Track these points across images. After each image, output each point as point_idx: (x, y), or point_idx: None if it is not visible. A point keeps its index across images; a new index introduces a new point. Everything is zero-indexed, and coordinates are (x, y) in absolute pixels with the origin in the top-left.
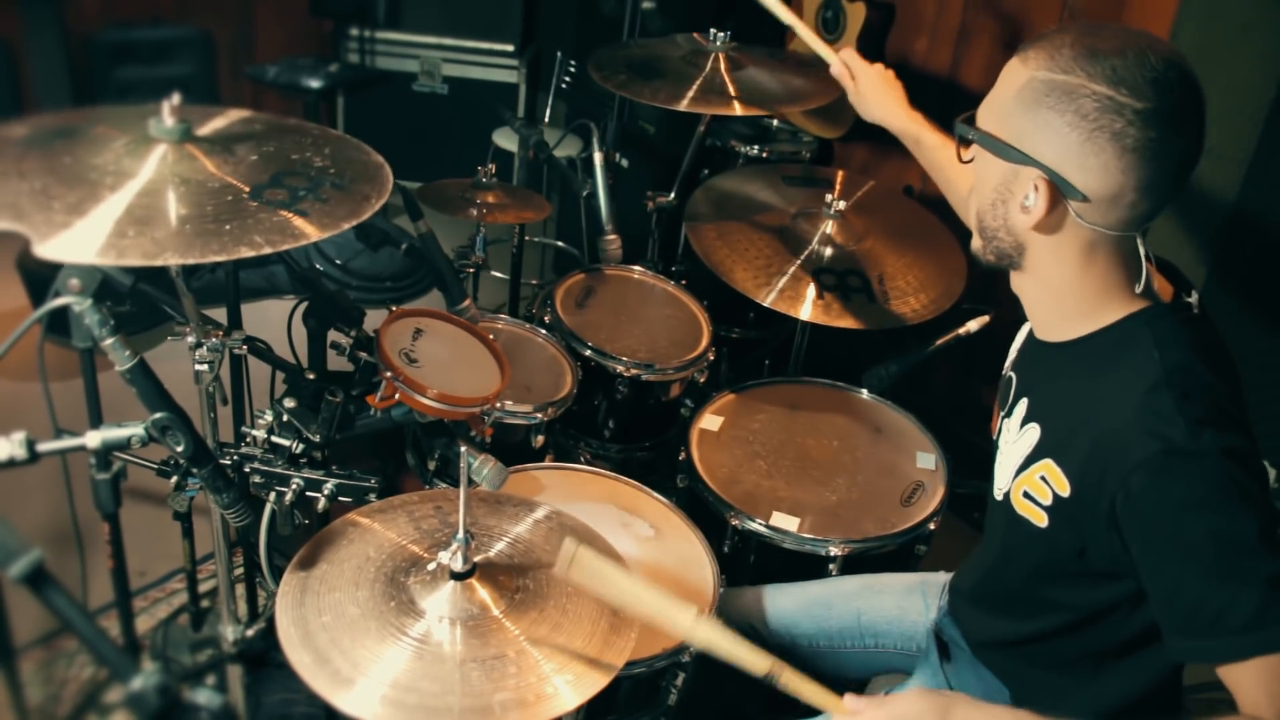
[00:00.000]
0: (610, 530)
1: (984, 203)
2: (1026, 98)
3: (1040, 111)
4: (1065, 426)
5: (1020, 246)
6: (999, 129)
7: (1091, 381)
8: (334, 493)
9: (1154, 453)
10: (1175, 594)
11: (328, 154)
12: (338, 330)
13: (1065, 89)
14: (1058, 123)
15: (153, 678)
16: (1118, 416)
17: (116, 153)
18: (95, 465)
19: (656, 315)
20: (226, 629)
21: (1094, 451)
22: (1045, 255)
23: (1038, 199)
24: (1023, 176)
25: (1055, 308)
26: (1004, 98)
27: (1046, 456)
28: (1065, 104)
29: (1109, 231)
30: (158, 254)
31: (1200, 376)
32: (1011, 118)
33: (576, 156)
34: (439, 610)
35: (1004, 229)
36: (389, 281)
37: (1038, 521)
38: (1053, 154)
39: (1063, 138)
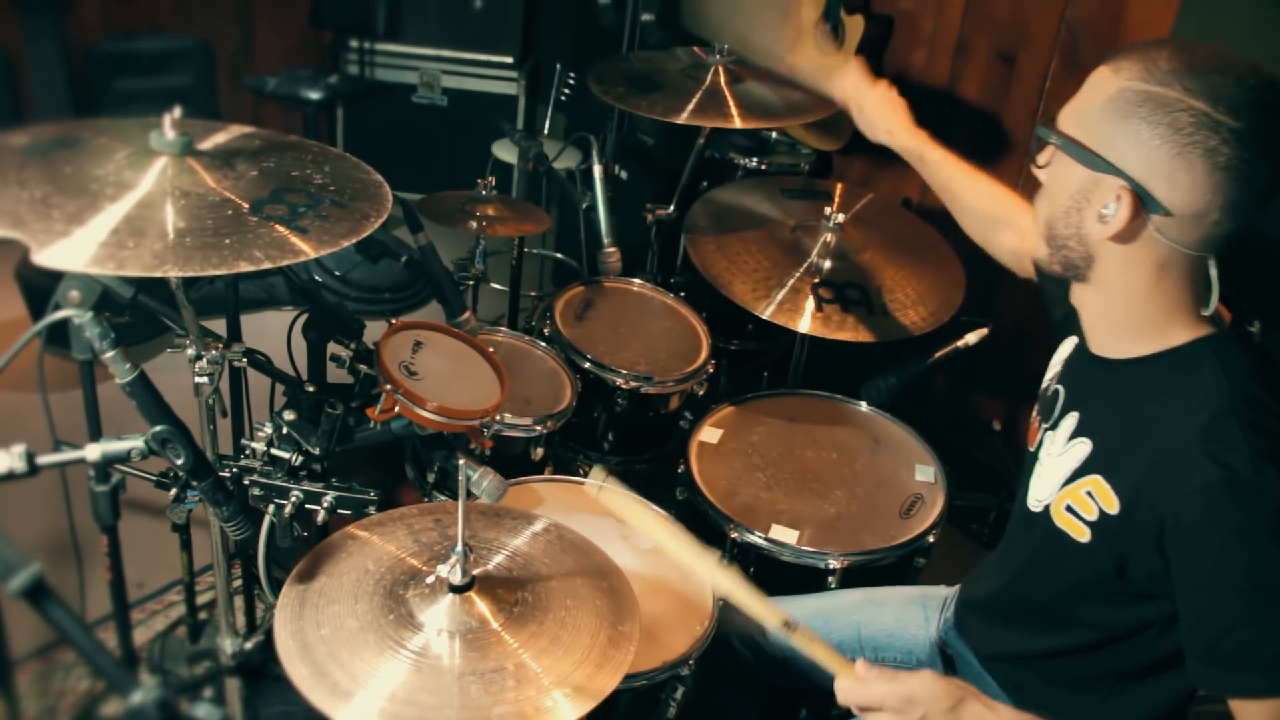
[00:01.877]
0: (609, 543)
1: (1056, 209)
2: (1117, 106)
3: (1131, 121)
4: (1119, 444)
5: (1090, 257)
6: (1084, 135)
7: (1152, 402)
8: (333, 505)
9: (1215, 480)
10: (1206, 621)
11: (328, 171)
12: (337, 342)
13: (1161, 101)
14: (1149, 134)
15: (152, 692)
16: (1179, 439)
17: (117, 164)
18: (94, 478)
19: (656, 327)
20: (225, 641)
21: (1149, 472)
22: (1116, 268)
23: (1118, 209)
24: (1104, 185)
25: (1119, 323)
26: (1091, 104)
27: (1096, 472)
28: (1159, 116)
29: (1185, 250)
30: (157, 266)
31: (1267, 408)
32: (1098, 125)
33: (576, 169)
34: (438, 623)
35: (1076, 238)
36: (388, 293)
37: (1078, 536)
38: (1140, 165)
39: (1153, 150)
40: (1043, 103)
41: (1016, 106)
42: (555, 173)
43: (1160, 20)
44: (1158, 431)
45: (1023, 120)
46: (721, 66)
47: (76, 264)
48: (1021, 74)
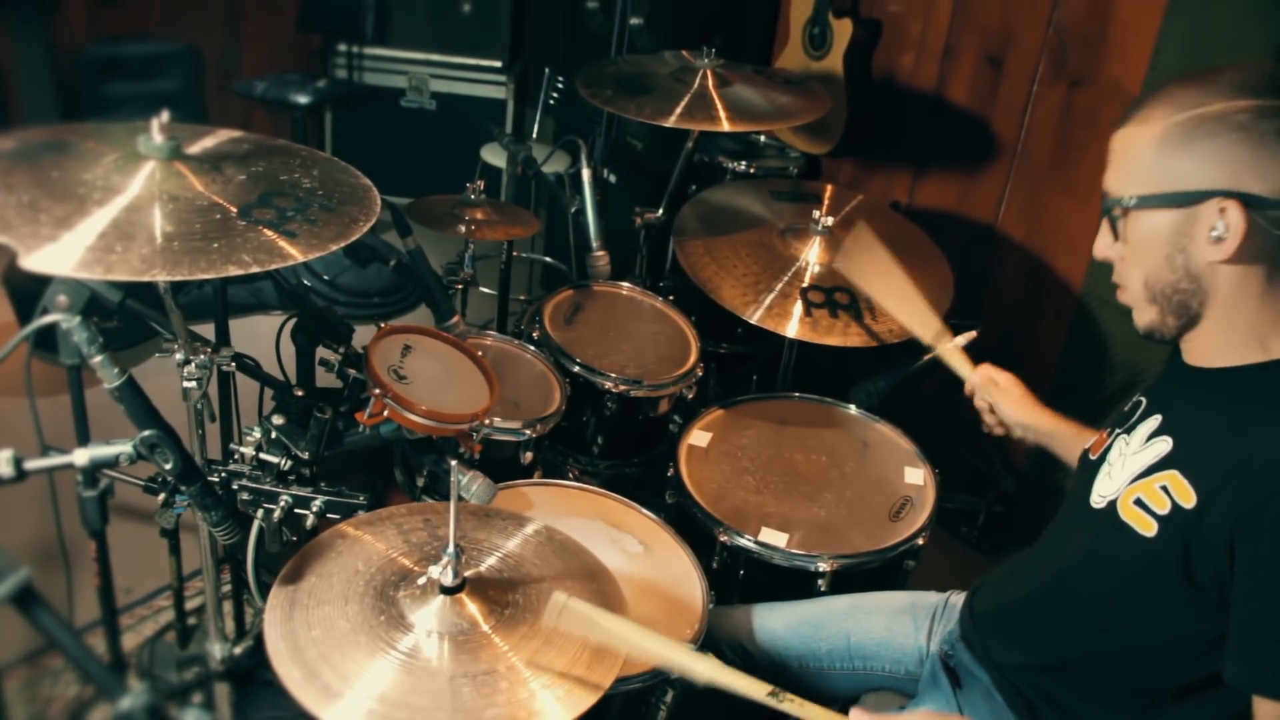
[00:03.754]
0: (599, 546)
1: (1155, 263)
2: (1172, 143)
3: (1195, 145)
4: (1204, 444)
5: (1204, 289)
6: (1152, 186)
7: (1246, 409)
8: (322, 510)
9: None
10: (1260, 622)
11: (316, 175)
12: (326, 347)
13: (1213, 116)
14: (1221, 145)
15: (141, 697)
16: (1273, 444)
17: (105, 168)
18: (82, 483)
19: (645, 331)
20: (214, 646)
21: (1236, 470)
22: (1232, 285)
23: (1230, 222)
24: (1201, 212)
25: (1226, 337)
26: (1140, 159)
27: (1174, 468)
28: (1220, 127)
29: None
30: (145, 270)
31: None
32: (1162, 169)
33: (565, 172)
34: (428, 625)
35: (1185, 277)
36: (377, 297)
37: (1144, 530)
38: (1227, 174)
39: (1232, 156)
40: (1030, 105)
41: (1004, 110)
42: (544, 176)
43: (1147, 23)
44: (1250, 436)
45: (1010, 123)
46: (710, 70)
47: (64, 268)
48: (1009, 77)
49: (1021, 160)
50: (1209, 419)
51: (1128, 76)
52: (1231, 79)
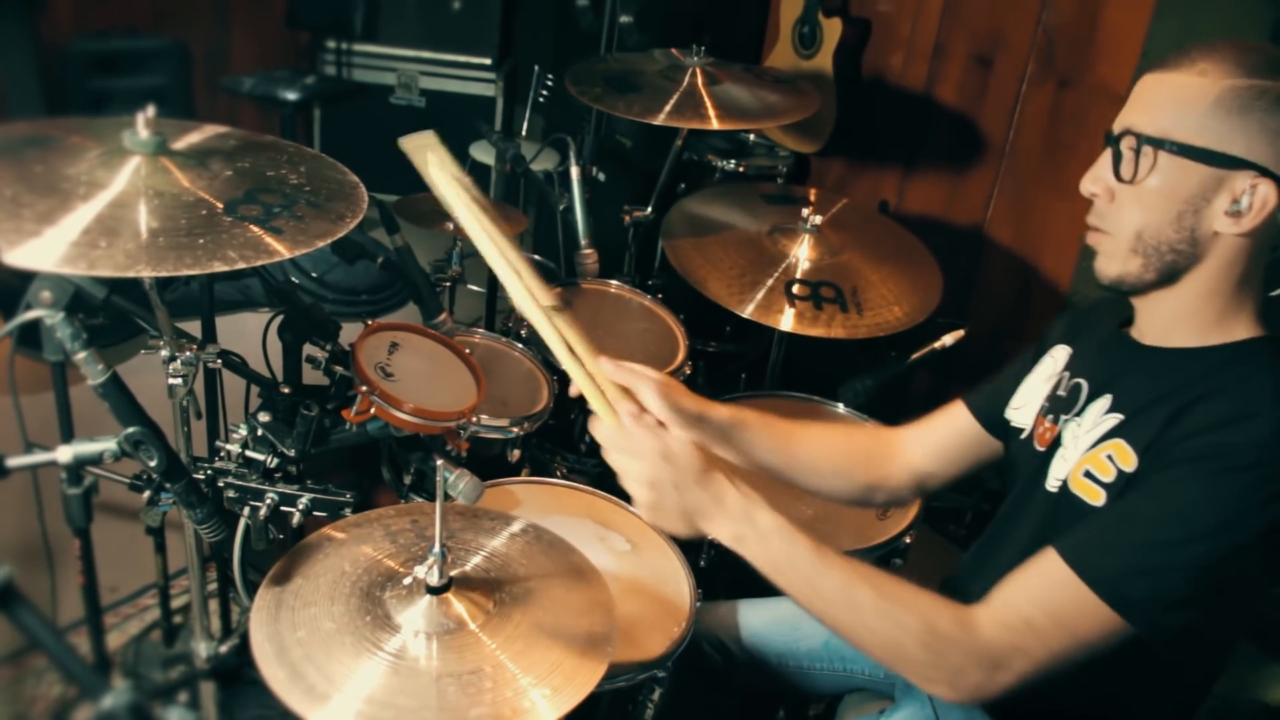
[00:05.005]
0: (587, 544)
1: (1158, 218)
2: (1230, 103)
3: (1251, 115)
4: (1150, 414)
5: (1197, 257)
6: (1197, 138)
7: (1196, 385)
8: (309, 507)
9: (1224, 450)
10: (1116, 524)
11: (303, 172)
12: (313, 344)
13: (1275, 93)
14: (1275, 123)
15: (123, 696)
16: (1208, 412)
17: (90, 163)
18: (66, 480)
19: (633, 329)
20: (200, 645)
21: (1167, 429)
22: (1225, 260)
23: (1256, 199)
24: (1232, 181)
25: (1195, 315)
26: (1192, 109)
27: (1119, 437)
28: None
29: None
30: (130, 266)
31: None
32: (1209, 126)
33: (554, 170)
34: (415, 625)
35: (1187, 240)
36: (365, 295)
37: (1093, 500)
38: (1272, 154)
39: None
40: (1019, 105)
41: (993, 109)
42: (533, 174)
43: (1135, 24)
44: (1191, 405)
45: (1000, 123)
46: (699, 68)
47: (47, 264)
48: (998, 77)
49: (1010, 160)
50: (1158, 393)
51: (1116, 77)
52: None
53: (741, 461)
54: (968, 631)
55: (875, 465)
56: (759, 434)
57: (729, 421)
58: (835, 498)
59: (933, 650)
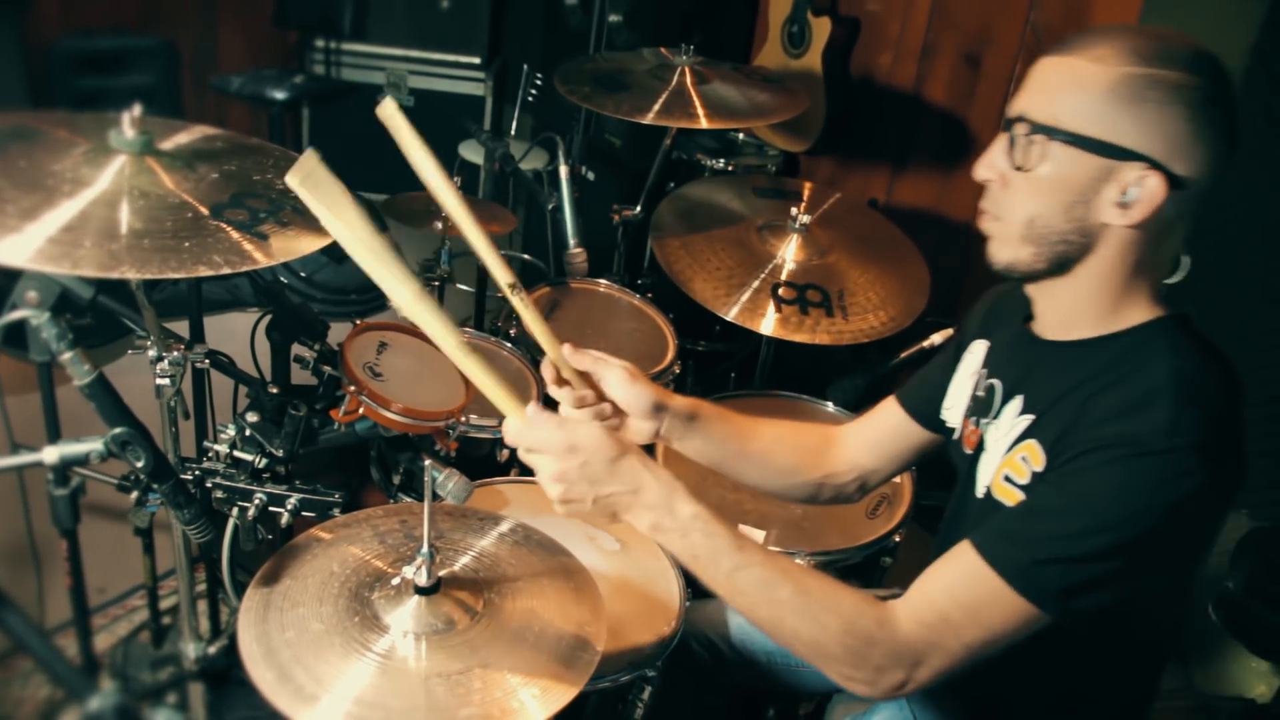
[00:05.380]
0: (576, 544)
1: (1048, 207)
2: (1123, 93)
3: (1143, 105)
4: (1058, 412)
5: (1088, 247)
6: (1088, 127)
7: (1097, 376)
8: (297, 508)
9: (1128, 438)
10: (1028, 513)
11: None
12: (301, 344)
13: (1169, 83)
14: (1165, 114)
15: (110, 698)
16: (1111, 402)
17: (75, 160)
18: (53, 481)
19: (622, 329)
20: (188, 646)
21: (1074, 422)
22: (1115, 251)
23: (1145, 191)
24: (1122, 171)
25: (1089, 306)
26: (1084, 97)
27: (1031, 438)
28: (1172, 96)
29: (1185, 221)
30: (114, 266)
31: (1205, 392)
32: (1102, 115)
33: (542, 170)
34: (404, 625)
35: (1078, 230)
36: (354, 294)
37: (1011, 503)
38: (1162, 146)
39: (1173, 130)
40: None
41: (982, 109)
42: (521, 173)
43: (1124, 18)
44: (1094, 396)
45: (988, 122)
46: (688, 67)
47: (29, 262)
48: (987, 76)
49: None
50: (1064, 389)
51: None
52: (1189, 52)
53: (698, 452)
54: (887, 630)
55: (823, 462)
56: (715, 425)
57: (688, 412)
58: (784, 495)
59: (853, 650)
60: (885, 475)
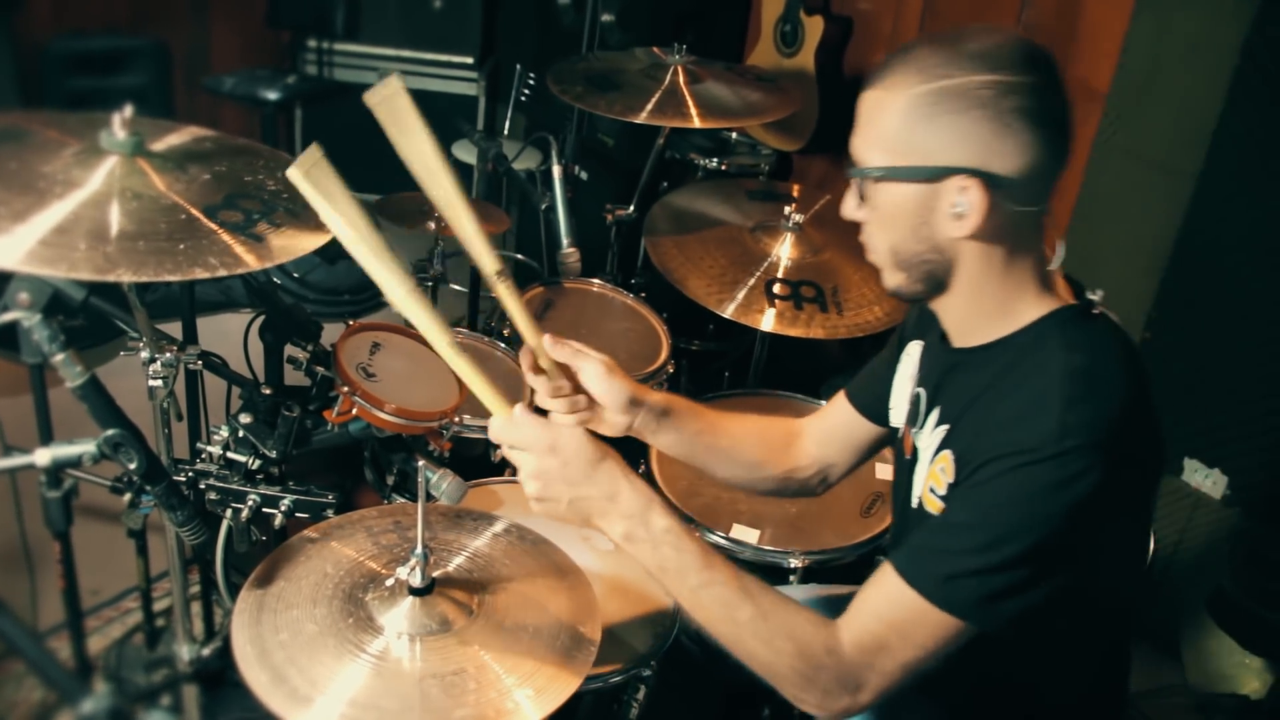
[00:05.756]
0: (570, 543)
1: (902, 234)
2: (915, 114)
3: (937, 120)
4: (967, 421)
5: (949, 261)
6: (897, 157)
7: (999, 380)
8: (291, 509)
9: (1024, 446)
10: (933, 532)
11: (280, 178)
12: (294, 344)
13: (956, 90)
14: (962, 122)
15: (104, 700)
16: (1009, 408)
17: (65, 161)
18: (46, 483)
19: (615, 328)
20: (182, 648)
21: (977, 433)
22: (975, 260)
23: (970, 200)
24: (944, 188)
25: (978, 312)
26: (886, 128)
27: (948, 449)
28: (963, 103)
29: (1032, 209)
30: (109, 269)
31: (1098, 380)
32: (906, 141)
33: (536, 169)
34: (398, 626)
35: (931, 249)
36: (347, 295)
37: (936, 513)
38: (969, 151)
39: (974, 133)
40: None
41: None
42: (515, 173)
43: (1114, 23)
44: (994, 402)
45: None
46: (681, 67)
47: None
48: None
49: None
50: (971, 396)
51: (1096, 76)
52: (976, 49)
53: (670, 446)
54: (834, 656)
55: (787, 456)
56: (687, 421)
57: (661, 407)
58: (752, 487)
59: (802, 674)
60: (846, 468)
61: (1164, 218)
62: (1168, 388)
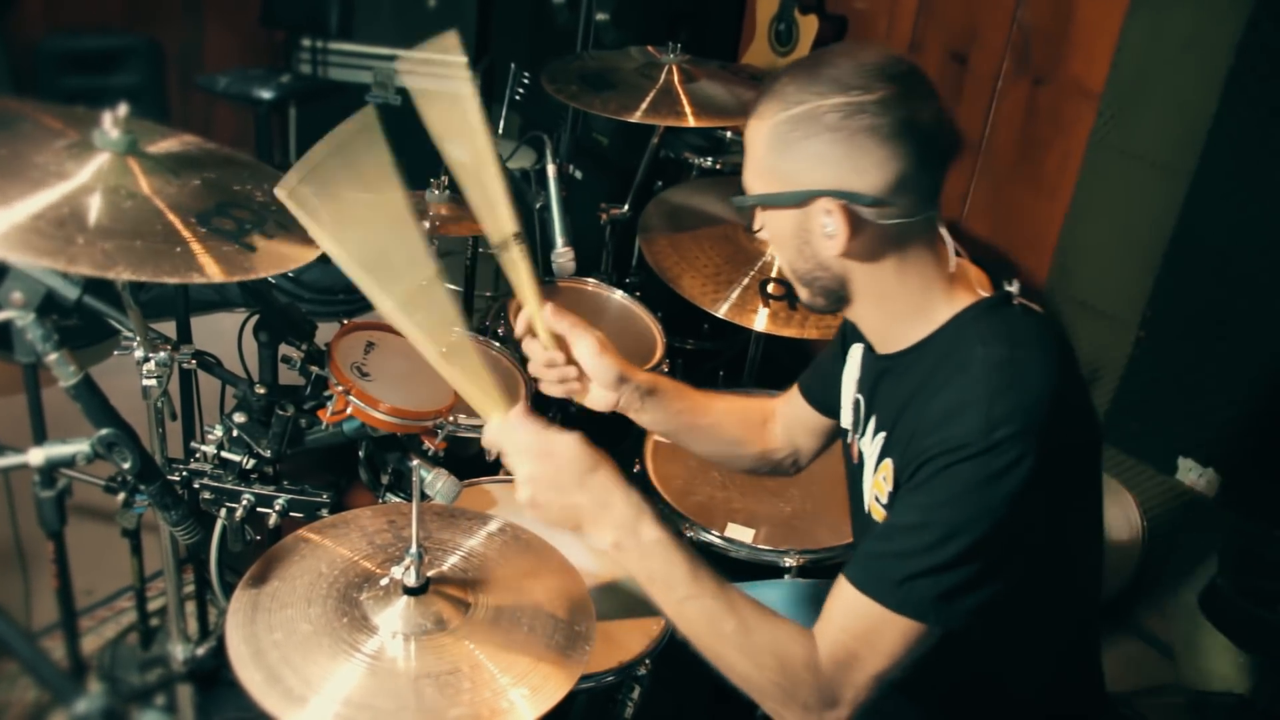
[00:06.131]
0: (564, 543)
1: (789, 256)
2: (776, 143)
3: (794, 147)
4: (901, 428)
5: (841, 277)
6: (770, 184)
7: (924, 383)
8: (285, 508)
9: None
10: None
11: (266, 189)
12: (289, 344)
13: (806, 116)
14: (816, 146)
15: (97, 700)
16: (934, 409)
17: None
18: (39, 482)
19: (610, 328)
20: (176, 648)
21: (911, 437)
22: (865, 273)
23: (836, 222)
24: (812, 211)
25: (890, 319)
26: (757, 157)
27: (887, 456)
28: (813, 127)
29: (909, 219)
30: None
31: (1017, 368)
32: (773, 169)
33: (530, 169)
34: (392, 626)
35: (818, 267)
36: (342, 294)
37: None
38: (827, 174)
39: (827, 157)
40: (994, 102)
41: (969, 106)
42: (509, 173)
43: (1109, 21)
44: (924, 406)
45: (975, 120)
46: (675, 66)
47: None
48: (973, 74)
49: (986, 156)
50: (901, 402)
51: (1090, 74)
52: (830, 73)
53: (654, 423)
54: (812, 671)
55: (762, 436)
56: (671, 399)
57: (647, 386)
58: (731, 465)
59: (783, 689)
60: (813, 452)
61: (1159, 216)
62: (1162, 386)
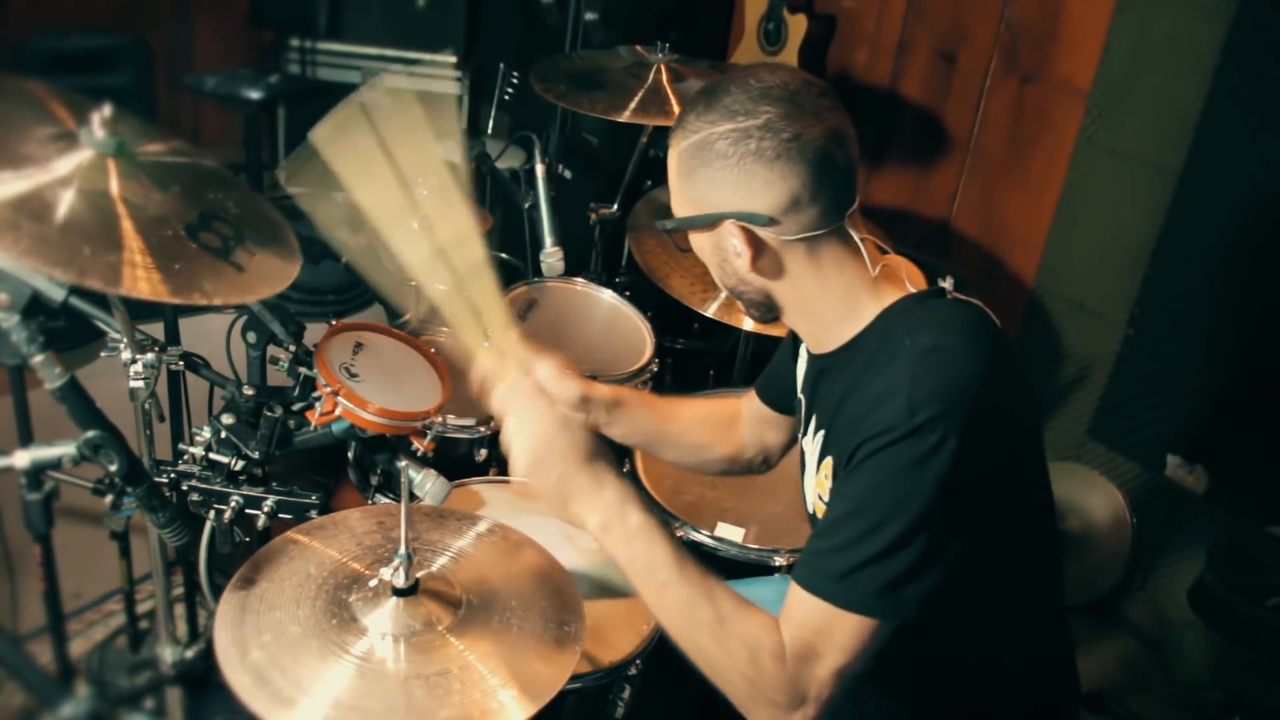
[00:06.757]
0: (554, 543)
1: (716, 273)
2: (681, 170)
3: (695, 174)
4: (840, 423)
5: (763, 290)
6: (685, 209)
7: (857, 379)
8: (274, 510)
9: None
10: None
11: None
12: (277, 344)
13: (699, 145)
14: (711, 173)
15: (84, 704)
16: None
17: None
18: (26, 485)
19: (599, 327)
20: (165, 650)
21: (845, 428)
22: (785, 285)
23: (740, 242)
24: (721, 233)
25: (819, 324)
26: (672, 183)
27: (828, 454)
28: (706, 156)
29: (815, 233)
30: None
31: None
32: (683, 194)
33: (519, 168)
34: (382, 627)
35: (740, 282)
36: (330, 295)
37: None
38: (725, 198)
39: (723, 182)
40: (983, 101)
41: (958, 105)
42: (498, 172)
43: (1097, 21)
44: (856, 401)
45: (964, 118)
46: (664, 65)
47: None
48: (962, 73)
49: (975, 155)
50: (837, 400)
51: (1078, 73)
52: (724, 101)
53: (623, 436)
54: (782, 667)
55: (729, 438)
56: (637, 411)
57: (610, 399)
58: (702, 469)
59: (751, 683)
60: (783, 445)
61: (1146, 215)
62: (1150, 383)
